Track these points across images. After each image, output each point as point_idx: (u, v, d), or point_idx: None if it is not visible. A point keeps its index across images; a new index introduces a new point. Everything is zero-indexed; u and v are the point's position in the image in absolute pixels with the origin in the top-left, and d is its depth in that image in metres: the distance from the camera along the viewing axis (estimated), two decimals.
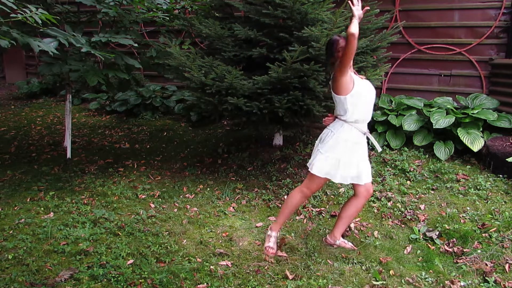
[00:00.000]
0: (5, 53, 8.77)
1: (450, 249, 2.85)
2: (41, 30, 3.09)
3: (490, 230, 2.98)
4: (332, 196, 3.69)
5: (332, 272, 2.61)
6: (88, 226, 3.15)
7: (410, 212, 3.34)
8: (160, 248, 2.88)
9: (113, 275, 2.52)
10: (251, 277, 2.55)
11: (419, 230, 3.09)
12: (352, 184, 2.72)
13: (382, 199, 3.56)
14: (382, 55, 4.28)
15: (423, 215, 3.30)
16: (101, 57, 3.38)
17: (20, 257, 2.74)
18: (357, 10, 2.35)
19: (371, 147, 3.42)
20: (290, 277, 2.55)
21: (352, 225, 3.17)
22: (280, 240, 2.93)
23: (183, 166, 4.47)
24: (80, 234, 3.02)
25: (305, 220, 3.33)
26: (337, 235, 2.88)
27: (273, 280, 2.53)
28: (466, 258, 2.72)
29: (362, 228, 3.17)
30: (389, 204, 3.49)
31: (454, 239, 2.94)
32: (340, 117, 2.57)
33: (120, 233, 3.07)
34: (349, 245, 2.89)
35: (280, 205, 3.59)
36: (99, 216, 3.30)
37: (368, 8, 2.45)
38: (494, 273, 2.55)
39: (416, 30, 4.97)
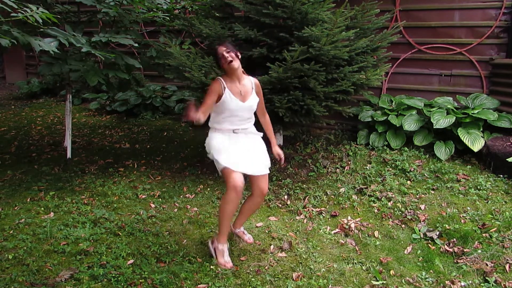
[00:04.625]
0: (5, 53, 8.76)
1: (451, 249, 2.85)
2: (41, 29, 3.09)
3: (491, 230, 2.98)
4: (332, 196, 3.69)
5: (332, 272, 2.61)
6: (88, 226, 3.15)
7: (410, 212, 3.34)
8: (160, 248, 2.88)
9: (113, 275, 2.52)
10: (252, 277, 2.55)
11: (419, 230, 3.09)
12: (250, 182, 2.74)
13: (382, 199, 3.56)
14: (383, 55, 4.28)
15: (424, 215, 3.29)
16: (101, 57, 3.38)
17: (20, 257, 2.74)
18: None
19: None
20: (290, 277, 2.55)
21: (352, 225, 3.18)
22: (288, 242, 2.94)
23: (183, 166, 4.46)
24: (80, 234, 3.01)
25: (305, 220, 3.33)
26: (237, 225, 2.94)
27: (273, 280, 2.53)
28: (467, 258, 2.72)
29: (362, 228, 3.17)
30: (389, 204, 3.49)
31: (455, 239, 2.94)
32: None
33: (120, 233, 3.07)
34: (246, 236, 2.94)
35: (280, 205, 3.59)
36: (99, 216, 3.30)
37: None
38: (495, 273, 2.55)
39: (417, 30, 4.97)
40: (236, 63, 2.53)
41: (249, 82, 2.67)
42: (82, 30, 3.69)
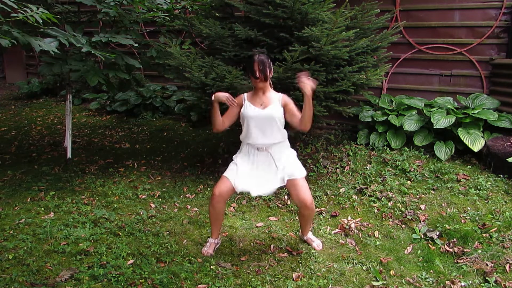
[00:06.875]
0: (5, 53, 8.77)
1: (451, 249, 2.85)
2: (41, 30, 3.09)
3: (491, 230, 2.98)
4: (332, 196, 3.69)
5: (332, 272, 2.61)
6: (88, 226, 3.15)
7: (410, 212, 3.34)
8: (160, 248, 2.88)
9: (113, 275, 2.52)
10: (252, 277, 2.55)
11: (419, 230, 3.09)
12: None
13: (382, 199, 3.55)
14: (383, 55, 4.28)
15: (424, 215, 3.29)
16: (102, 57, 3.38)
17: (21, 257, 2.74)
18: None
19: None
20: (291, 277, 2.55)
21: (352, 225, 3.18)
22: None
23: (184, 166, 4.46)
24: (80, 234, 3.02)
25: None
26: (304, 233, 2.95)
27: (273, 280, 2.53)
28: (467, 258, 2.72)
29: (362, 228, 3.17)
30: (389, 204, 3.49)
31: (455, 239, 2.93)
32: None
33: (120, 233, 3.07)
34: (315, 243, 2.91)
35: (280, 205, 3.59)
36: (99, 216, 3.30)
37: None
38: (495, 273, 2.55)
39: (417, 30, 4.97)
40: (261, 84, 2.63)
41: (275, 96, 2.69)
42: (82, 30, 3.69)
